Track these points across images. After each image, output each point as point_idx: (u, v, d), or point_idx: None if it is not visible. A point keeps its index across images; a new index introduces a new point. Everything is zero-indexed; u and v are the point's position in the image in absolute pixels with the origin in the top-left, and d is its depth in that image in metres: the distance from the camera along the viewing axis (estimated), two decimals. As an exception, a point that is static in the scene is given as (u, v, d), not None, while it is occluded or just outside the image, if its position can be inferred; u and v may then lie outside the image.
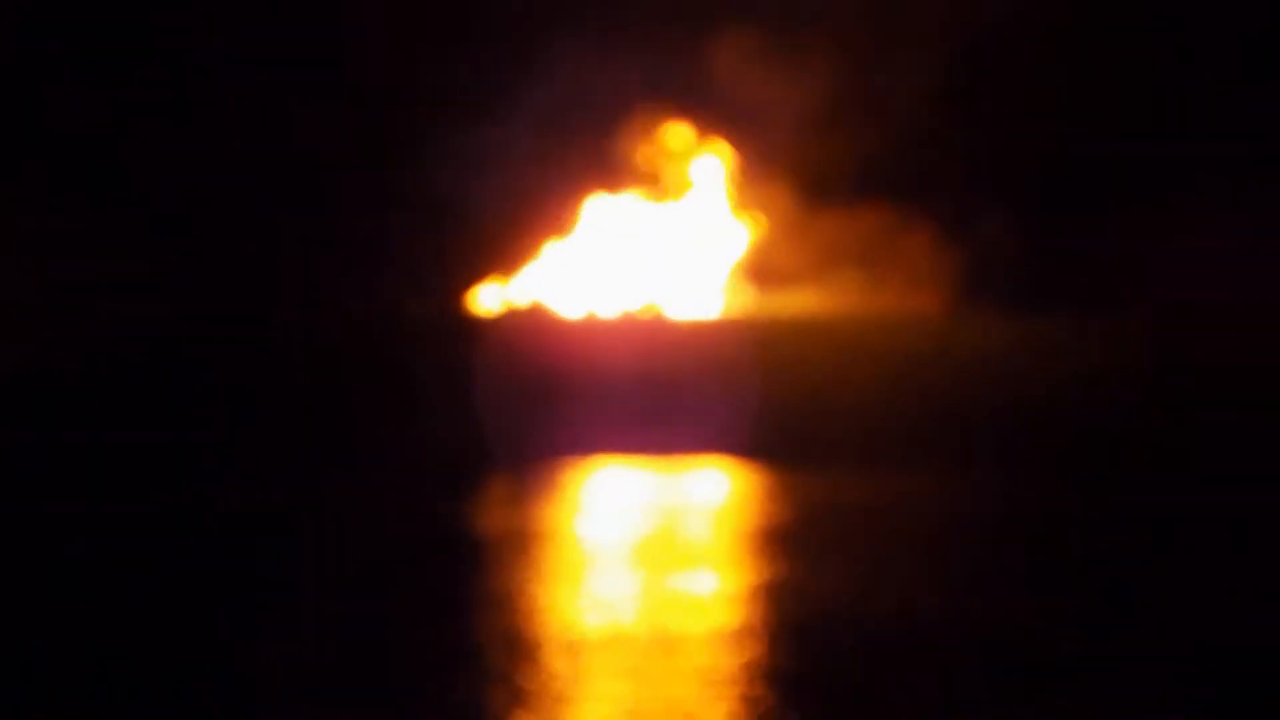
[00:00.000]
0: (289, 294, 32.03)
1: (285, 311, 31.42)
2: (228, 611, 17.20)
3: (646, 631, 16.41)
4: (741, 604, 17.51)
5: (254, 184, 33.09)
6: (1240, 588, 17.95)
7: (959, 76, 32.82)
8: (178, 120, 33.15)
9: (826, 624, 16.68)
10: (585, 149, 33.62)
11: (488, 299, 33.64)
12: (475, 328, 31.72)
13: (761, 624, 16.64)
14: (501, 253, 33.47)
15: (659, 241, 34.39)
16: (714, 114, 33.94)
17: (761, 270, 34.09)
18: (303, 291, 32.09)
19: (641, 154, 34.15)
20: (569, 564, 19.70)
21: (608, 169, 34.06)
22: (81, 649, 15.42)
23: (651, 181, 34.35)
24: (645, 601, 17.72)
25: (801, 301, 33.27)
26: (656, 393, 29.58)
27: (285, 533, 21.67)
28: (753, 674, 14.88)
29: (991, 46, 32.80)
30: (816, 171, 32.94)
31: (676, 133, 34.21)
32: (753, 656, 15.44)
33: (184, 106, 33.25)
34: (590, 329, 32.03)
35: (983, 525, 22.52)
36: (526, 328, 31.77)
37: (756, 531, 22.00)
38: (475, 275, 33.55)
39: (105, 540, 20.56)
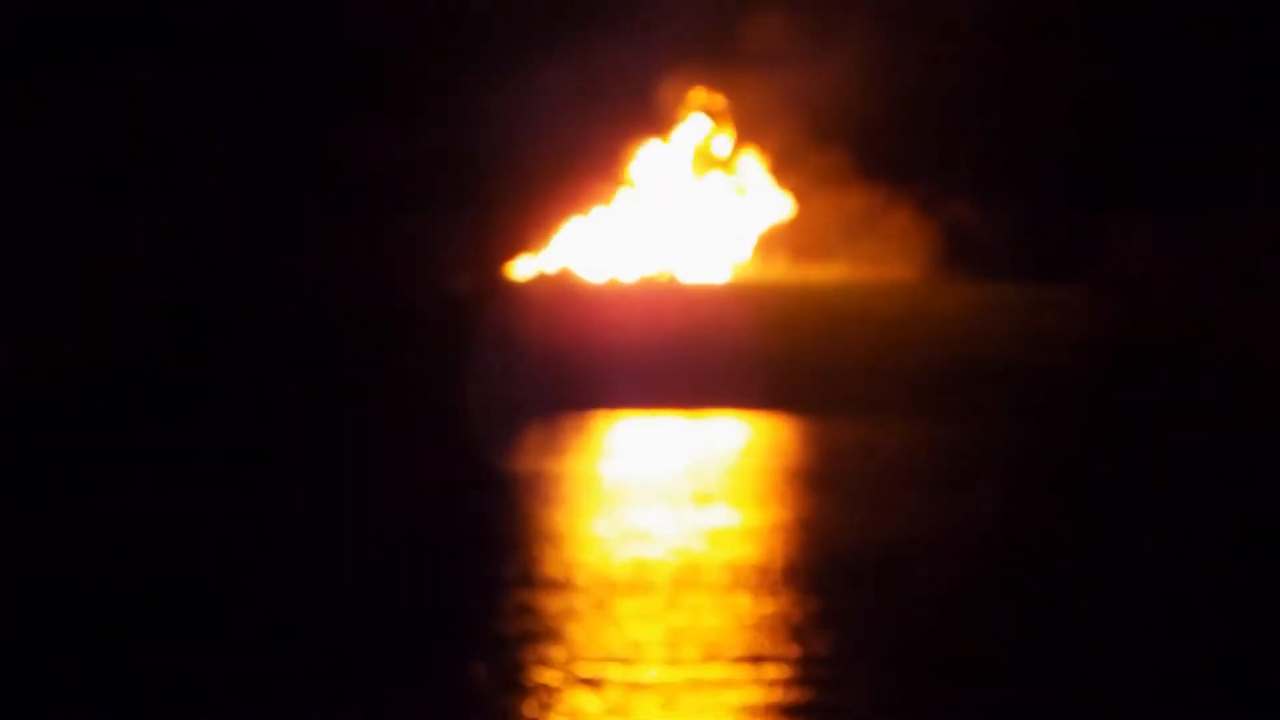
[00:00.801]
0: (341, 273, 32.44)
1: (337, 288, 32.01)
2: (309, 534, 18.26)
3: (674, 559, 17.06)
4: (758, 535, 18.48)
5: (299, 178, 33.38)
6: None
7: (943, 70, 33.88)
8: (215, 110, 33.19)
9: (835, 549, 17.71)
10: (609, 120, 34.26)
11: (523, 269, 34.42)
12: (512, 295, 32.69)
13: (776, 551, 17.49)
14: (534, 223, 34.09)
15: (678, 210, 35.27)
16: (733, 91, 35.05)
17: (773, 241, 35.24)
18: (352, 269, 32.51)
19: (664, 124, 35.13)
20: (603, 501, 20.83)
21: (628, 141, 35.07)
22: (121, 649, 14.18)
23: (673, 154, 35.38)
24: (671, 532, 18.52)
25: (806, 270, 34.52)
26: (676, 351, 30.64)
27: (348, 474, 22.89)
28: (768, 594, 15.36)
29: (971, 45, 33.91)
30: (819, 155, 34.33)
31: (698, 104, 35.22)
32: (768, 579, 16.01)
33: (222, 91, 33.23)
34: (615, 293, 33.23)
35: (972, 466, 24.04)
36: (557, 293, 32.86)
37: (768, 471, 23.62)
38: (511, 248, 34.11)
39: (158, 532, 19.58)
